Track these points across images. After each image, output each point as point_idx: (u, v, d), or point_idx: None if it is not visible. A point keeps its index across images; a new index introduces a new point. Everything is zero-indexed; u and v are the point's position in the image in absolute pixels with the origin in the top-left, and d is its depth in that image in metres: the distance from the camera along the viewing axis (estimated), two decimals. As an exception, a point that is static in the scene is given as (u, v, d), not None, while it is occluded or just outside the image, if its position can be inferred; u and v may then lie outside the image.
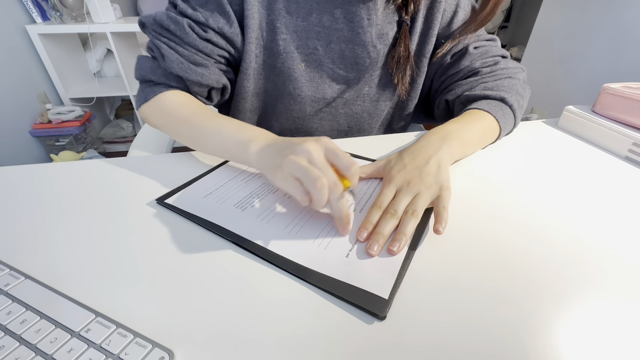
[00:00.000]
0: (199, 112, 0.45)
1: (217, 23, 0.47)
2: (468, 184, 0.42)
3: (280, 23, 0.49)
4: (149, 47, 0.48)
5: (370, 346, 0.24)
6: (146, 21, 0.49)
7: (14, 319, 0.25)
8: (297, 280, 0.29)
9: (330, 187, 0.30)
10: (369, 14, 0.50)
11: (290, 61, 0.51)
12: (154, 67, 0.48)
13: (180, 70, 0.46)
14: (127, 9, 1.96)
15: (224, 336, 0.24)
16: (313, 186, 0.30)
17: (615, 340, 0.24)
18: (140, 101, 0.49)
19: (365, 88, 0.57)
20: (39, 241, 0.33)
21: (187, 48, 0.47)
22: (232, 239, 0.32)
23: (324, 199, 0.30)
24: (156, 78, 0.48)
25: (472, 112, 0.49)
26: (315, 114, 0.58)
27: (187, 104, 0.47)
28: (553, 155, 0.50)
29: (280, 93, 0.55)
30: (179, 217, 0.36)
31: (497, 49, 0.56)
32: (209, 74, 0.48)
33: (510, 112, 0.50)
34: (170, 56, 0.46)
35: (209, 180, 0.42)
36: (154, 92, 0.48)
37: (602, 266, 0.30)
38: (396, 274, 0.29)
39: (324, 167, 0.32)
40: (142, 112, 0.50)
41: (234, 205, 0.37)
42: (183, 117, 0.46)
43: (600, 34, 1.49)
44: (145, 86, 0.49)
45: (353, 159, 0.34)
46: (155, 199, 0.38)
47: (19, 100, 1.49)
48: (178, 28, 0.46)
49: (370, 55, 0.53)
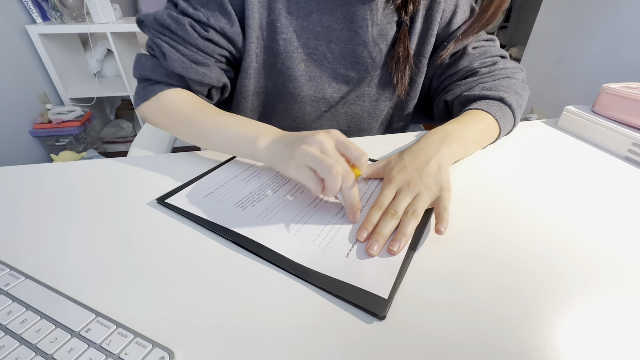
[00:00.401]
0: (202, 109, 0.45)
1: (218, 22, 0.47)
2: (468, 184, 0.42)
3: (280, 23, 0.49)
4: (148, 45, 0.48)
5: (370, 346, 0.24)
6: (145, 19, 0.48)
7: (14, 319, 0.25)
8: (297, 279, 0.29)
9: (343, 175, 0.32)
10: (369, 14, 0.50)
11: (290, 61, 0.51)
12: (155, 65, 0.48)
13: (182, 69, 0.46)
14: (127, 9, 1.96)
15: (224, 336, 0.24)
16: (328, 173, 0.31)
17: (615, 340, 0.24)
18: (140, 100, 0.49)
19: (365, 88, 0.57)
20: (39, 241, 0.33)
21: (188, 47, 0.46)
22: (232, 239, 0.32)
23: (337, 186, 0.31)
24: (157, 77, 0.48)
25: (472, 112, 0.49)
26: (315, 114, 0.58)
27: (190, 101, 0.47)
28: (553, 155, 0.50)
29: (281, 93, 0.55)
30: (179, 217, 0.36)
31: (495, 49, 0.56)
32: (210, 72, 0.49)
33: (510, 111, 0.50)
34: (172, 55, 0.46)
35: (209, 179, 0.42)
36: (154, 91, 0.47)
37: (602, 266, 0.30)
38: (396, 274, 0.29)
39: (336, 157, 0.33)
40: (141, 111, 0.50)
41: (234, 205, 0.37)
42: (186, 114, 0.45)
43: (600, 34, 1.49)
44: (145, 84, 0.49)
45: (363, 150, 0.34)
46: (155, 199, 0.38)
47: (19, 100, 1.49)
48: (179, 27, 0.46)
49: (370, 56, 0.53)
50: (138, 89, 0.50)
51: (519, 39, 2.67)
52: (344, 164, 0.33)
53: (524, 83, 0.55)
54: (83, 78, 1.82)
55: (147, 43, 0.49)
